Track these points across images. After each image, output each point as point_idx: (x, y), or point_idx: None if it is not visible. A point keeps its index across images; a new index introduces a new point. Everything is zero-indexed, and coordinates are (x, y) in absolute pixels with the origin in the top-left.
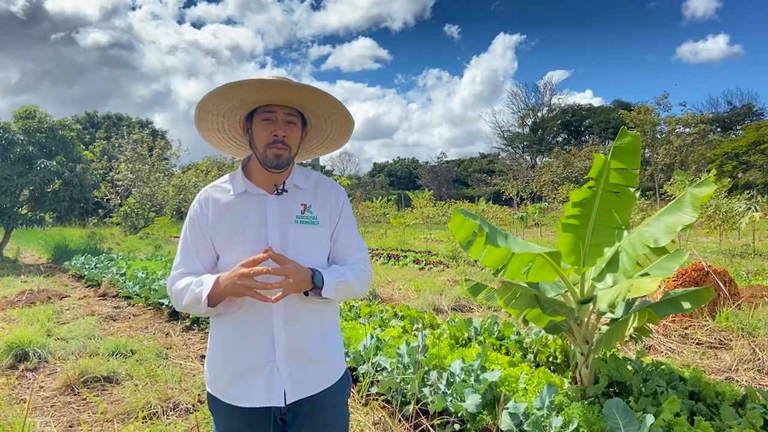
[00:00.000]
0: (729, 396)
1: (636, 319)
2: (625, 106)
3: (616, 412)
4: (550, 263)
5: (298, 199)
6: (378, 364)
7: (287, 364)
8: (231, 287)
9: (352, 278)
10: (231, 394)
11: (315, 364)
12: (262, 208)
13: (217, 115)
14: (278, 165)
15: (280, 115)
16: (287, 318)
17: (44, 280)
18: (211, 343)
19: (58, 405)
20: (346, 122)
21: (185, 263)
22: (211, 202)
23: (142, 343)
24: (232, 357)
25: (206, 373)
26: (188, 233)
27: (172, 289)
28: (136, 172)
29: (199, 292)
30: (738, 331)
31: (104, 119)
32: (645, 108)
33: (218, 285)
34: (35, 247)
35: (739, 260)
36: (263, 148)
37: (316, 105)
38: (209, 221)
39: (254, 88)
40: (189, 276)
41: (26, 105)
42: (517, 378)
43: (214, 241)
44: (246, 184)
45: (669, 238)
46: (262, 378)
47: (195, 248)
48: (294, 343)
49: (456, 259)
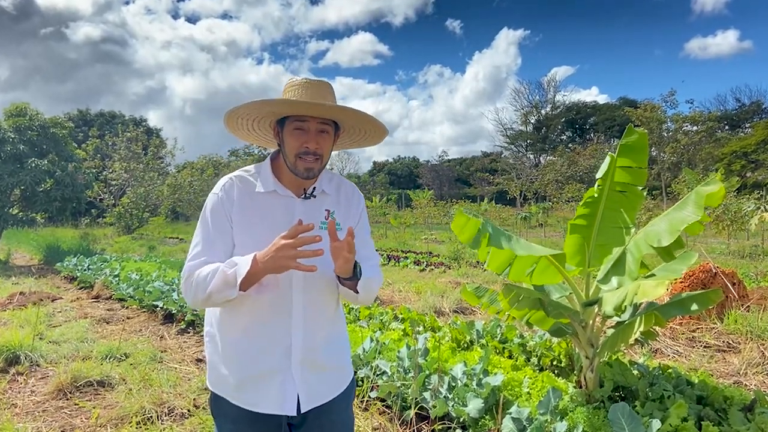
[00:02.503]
0: (737, 400)
1: (642, 323)
2: (631, 103)
3: (621, 417)
4: (555, 265)
5: (323, 204)
6: (378, 367)
7: (301, 372)
8: (271, 261)
9: (376, 280)
10: (241, 398)
11: (327, 372)
12: (289, 212)
13: (246, 120)
14: (308, 177)
15: (312, 126)
16: (306, 322)
17: (36, 282)
18: (221, 344)
19: (50, 410)
20: (379, 129)
21: (207, 251)
22: (236, 191)
23: (136, 347)
24: (247, 360)
25: (212, 374)
26: (211, 220)
27: (192, 277)
28: (130, 172)
29: (233, 273)
30: (747, 334)
31: (97, 117)
32: (651, 105)
33: (257, 262)
34: (27, 248)
35: (748, 261)
36: (293, 158)
37: (349, 119)
38: (234, 209)
39: (285, 105)
40: (211, 264)
41: (17, 102)
42: (521, 382)
43: (234, 230)
44: (276, 184)
45: (672, 238)
46: (275, 384)
47: (219, 235)
48: (309, 350)
49: (458, 260)
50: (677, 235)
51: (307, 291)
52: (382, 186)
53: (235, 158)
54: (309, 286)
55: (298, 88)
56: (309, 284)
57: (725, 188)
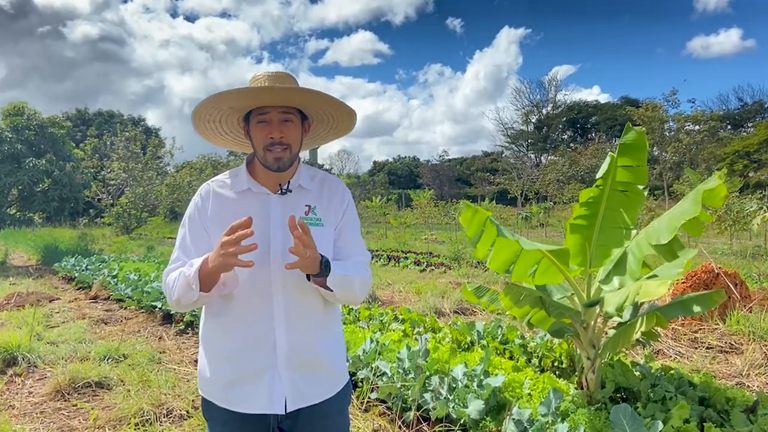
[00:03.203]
0: (740, 402)
1: (644, 323)
2: (632, 102)
3: (623, 418)
4: (556, 264)
5: (303, 199)
6: (378, 369)
7: (288, 371)
8: (217, 260)
9: (356, 277)
10: (229, 399)
11: (317, 372)
12: (264, 208)
13: (212, 122)
14: (279, 168)
15: (274, 116)
16: (289, 321)
17: (33, 283)
18: (206, 347)
19: (48, 411)
20: (345, 112)
21: (183, 257)
22: (212, 196)
23: (135, 347)
24: (232, 361)
25: (200, 379)
26: (188, 227)
27: (166, 281)
28: (128, 171)
29: (189, 274)
30: (749, 335)
31: (95, 116)
32: (653, 105)
33: (206, 263)
34: (24, 249)
35: (750, 262)
36: (262, 151)
37: (309, 102)
38: (209, 216)
39: (239, 96)
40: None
41: (14, 101)
42: (522, 383)
43: (211, 238)
44: (249, 182)
45: (671, 235)
46: (263, 384)
47: (194, 243)
48: (296, 349)
49: (458, 261)
50: (676, 232)
51: (286, 290)
52: (382, 186)
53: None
54: (288, 285)
55: (259, 81)
56: (287, 282)
57: (728, 188)
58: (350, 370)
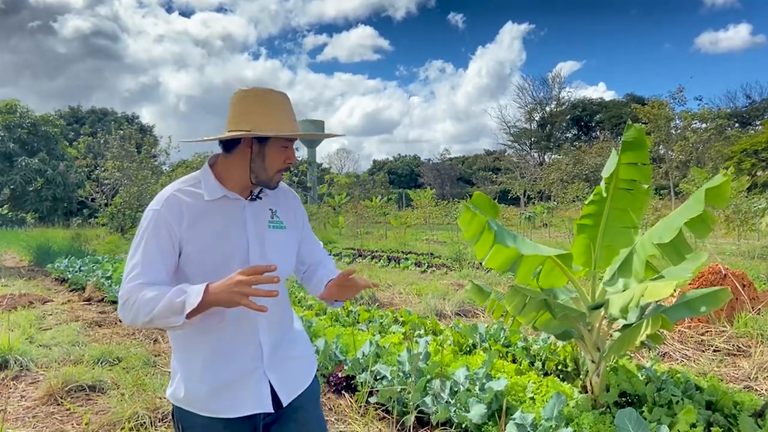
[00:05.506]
0: (748, 406)
1: (649, 326)
2: (638, 100)
3: (628, 422)
4: (560, 266)
5: (266, 204)
6: (377, 372)
7: (272, 367)
8: (224, 295)
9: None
10: (214, 407)
11: (294, 360)
12: (240, 214)
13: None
14: (276, 187)
15: (291, 143)
16: (270, 320)
17: (26, 284)
18: (185, 357)
19: (41, 415)
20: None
21: (146, 273)
22: (183, 205)
23: (129, 350)
24: (218, 368)
25: (177, 389)
26: (151, 238)
27: (132, 299)
28: (123, 171)
29: (181, 302)
30: (758, 338)
31: (89, 114)
32: (659, 102)
33: (209, 293)
34: (16, 249)
35: (758, 262)
36: (274, 172)
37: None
38: (182, 228)
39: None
40: (153, 286)
41: (6, 99)
42: (525, 387)
43: (185, 249)
44: (222, 189)
45: (673, 234)
46: (250, 386)
47: (160, 254)
48: (276, 345)
49: (459, 262)
50: (678, 231)
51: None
52: (382, 185)
53: None
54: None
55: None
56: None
57: (735, 188)
58: (349, 374)
